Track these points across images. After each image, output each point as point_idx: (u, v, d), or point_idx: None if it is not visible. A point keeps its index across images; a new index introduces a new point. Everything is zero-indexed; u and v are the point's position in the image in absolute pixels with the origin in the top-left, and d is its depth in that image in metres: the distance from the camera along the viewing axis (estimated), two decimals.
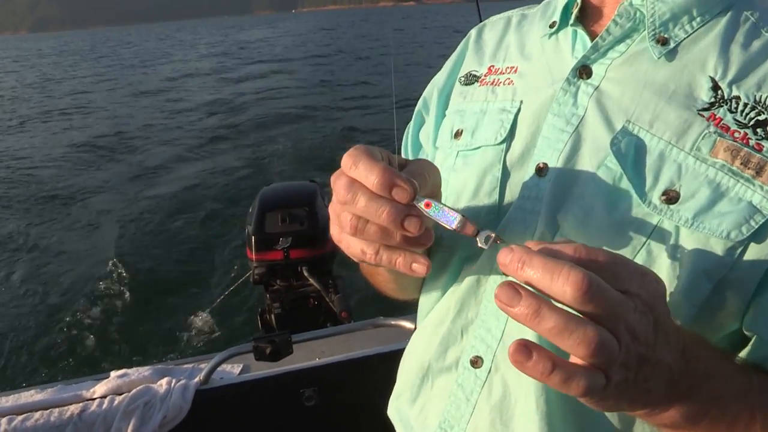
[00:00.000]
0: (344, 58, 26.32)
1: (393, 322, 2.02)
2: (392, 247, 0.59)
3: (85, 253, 6.65)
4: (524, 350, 0.46)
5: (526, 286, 0.47)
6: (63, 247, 6.93)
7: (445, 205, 0.56)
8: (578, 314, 0.46)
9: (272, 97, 15.93)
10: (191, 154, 10.68)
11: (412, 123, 0.96)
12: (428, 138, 0.91)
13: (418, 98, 0.95)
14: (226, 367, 2.10)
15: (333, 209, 0.61)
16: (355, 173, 0.56)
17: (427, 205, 0.56)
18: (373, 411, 0.93)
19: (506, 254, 0.48)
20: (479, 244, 0.53)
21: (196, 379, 1.88)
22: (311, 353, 2.11)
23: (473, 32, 0.94)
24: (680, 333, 0.53)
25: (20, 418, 1.74)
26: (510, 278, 0.48)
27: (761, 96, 0.64)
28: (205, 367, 1.90)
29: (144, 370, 1.99)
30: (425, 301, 0.83)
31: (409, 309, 0.96)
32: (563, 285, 0.44)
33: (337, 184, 0.58)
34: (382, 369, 0.95)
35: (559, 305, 0.46)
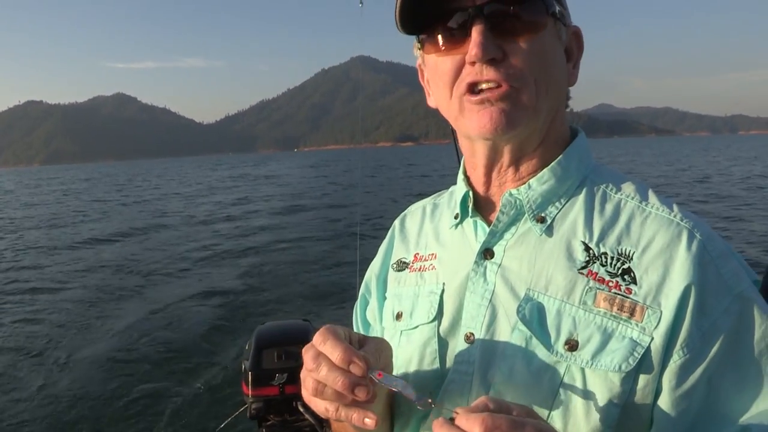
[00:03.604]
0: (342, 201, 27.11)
1: None
2: (348, 406, 0.72)
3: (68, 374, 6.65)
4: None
5: None
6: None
7: (393, 377, 0.72)
8: None
9: (268, 238, 16.35)
10: (191, 289, 10.89)
11: (358, 304, 1.12)
12: (375, 317, 1.07)
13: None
14: None
15: (302, 375, 0.75)
16: (323, 348, 0.72)
17: (380, 375, 0.71)
18: None
19: (437, 426, 0.64)
20: (418, 406, 0.68)
21: None
22: None
23: (397, 223, 1.11)
24: None
25: None
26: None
27: (622, 248, 0.80)
28: None
29: None
30: None
31: None
32: None
33: (307, 355, 0.73)
34: None
35: None
